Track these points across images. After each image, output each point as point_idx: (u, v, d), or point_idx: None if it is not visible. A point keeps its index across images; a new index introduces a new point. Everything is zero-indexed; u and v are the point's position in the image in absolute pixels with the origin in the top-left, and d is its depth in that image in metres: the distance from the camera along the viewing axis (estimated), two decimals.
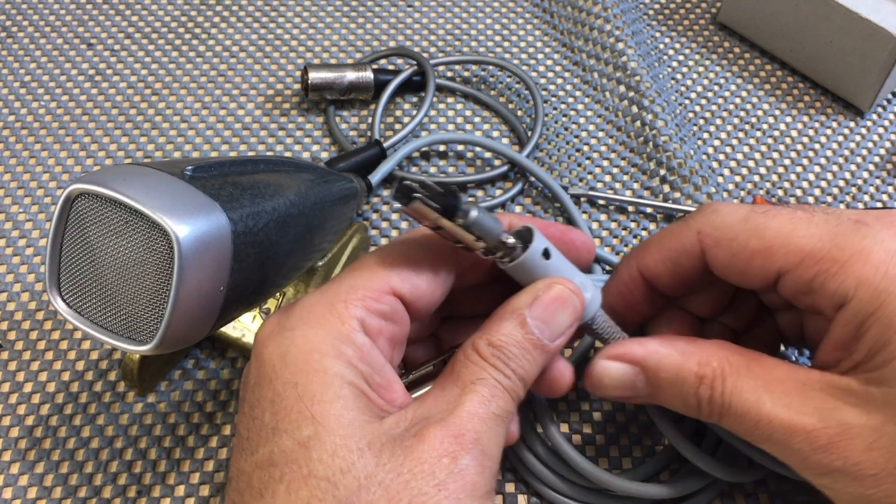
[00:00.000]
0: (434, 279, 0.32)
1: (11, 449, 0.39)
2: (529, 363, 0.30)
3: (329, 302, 0.30)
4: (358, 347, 0.29)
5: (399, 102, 0.54)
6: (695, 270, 0.34)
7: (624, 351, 0.33)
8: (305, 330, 0.29)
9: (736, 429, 0.31)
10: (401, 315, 0.31)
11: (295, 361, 0.28)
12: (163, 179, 0.30)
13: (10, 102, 0.53)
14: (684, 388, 0.31)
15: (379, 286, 0.30)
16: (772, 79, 0.56)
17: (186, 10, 0.59)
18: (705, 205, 0.34)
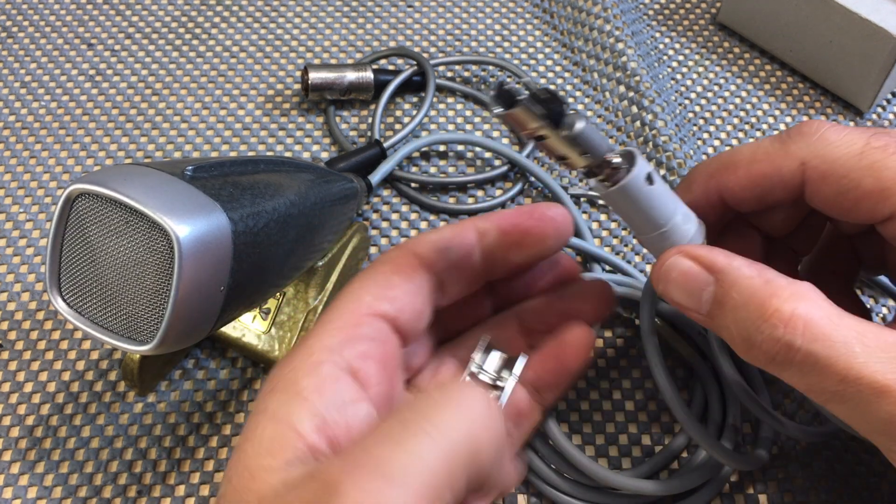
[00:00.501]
0: (408, 288, 0.31)
1: (12, 449, 0.39)
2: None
3: (303, 340, 0.29)
4: (320, 378, 0.27)
5: (399, 102, 0.54)
6: (787, 199, 0.31)
7: (705, 254, 0.29)
8: (274, 372, 0.29)
9: (809, 381, 0.27)
10: (386, 334, 0.30)
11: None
12: (163, 179, 0.30)
13: (11, 102, 0.53)
14: (755, 318, 0.27)
15: (355, 310, 0.29)
16: (772, 79, 0.56)
17: (187, 10, 0.59)
18: (807, 126, 0.30)
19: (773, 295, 0.27)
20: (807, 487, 0.39)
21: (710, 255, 0.29)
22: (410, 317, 0.31)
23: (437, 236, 0.32)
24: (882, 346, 0.26)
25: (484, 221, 0.33)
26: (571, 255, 0.47)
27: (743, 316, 0.28)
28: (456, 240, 0.33)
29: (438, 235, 0.33)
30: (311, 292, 0.41)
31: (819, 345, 0.26)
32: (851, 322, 0.27)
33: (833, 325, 0.26)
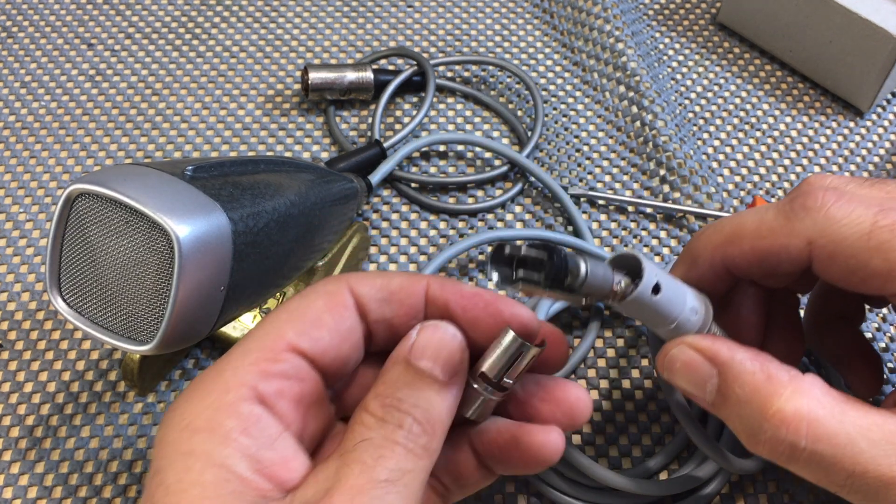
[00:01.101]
0: (338, 330, 0.29)
1: (12, 449, 0.39)
2: (429, 402, 0.27)
3: (218, 370, 0.27)
4: (243, 418, 0.26)
5: (399, 102, 0.54)
6: (794, 272, 0.30)
7: (709, 346, 0.29)
8: (185, 405, 0.26)
9: (816, 476, 0.27)
10: (305, 372, 0.28)
11: (168, 443, 0.26)
12: (163, 179, 0.30)
13: (11, 102, 0.53)
14: (757, 416, 0.27)
15: (274, 344, 0.27)
16: (771, 79, 0.56)
17: (187, 10, 0.59)
18: (812, 199, 0.29)
19: (775, 393, 0.27)
20: (806, 488, 0.39)
21: (714, 348, 0.29)
22: (334, 361, 0.29)
23: (382, 282, 0.30)
24: (887, 438, 0.26)
25: (437, 289, 0.30)
26: None
27: (746, 412, 0.28)
28: (400, 295, 0.30)
29: (385, 282, 0.30)
30: None
31: (823, 444, 0.26)
32: (855, 416, 0.27)
33: (837, 423, 0.26)
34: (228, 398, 0.26)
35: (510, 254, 0.25)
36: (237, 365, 0.27)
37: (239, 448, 0.25)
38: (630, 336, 0.44)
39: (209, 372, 0.27)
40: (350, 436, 0.26)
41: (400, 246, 0.47)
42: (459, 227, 0.48)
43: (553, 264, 0.25)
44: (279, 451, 0.26)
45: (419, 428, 0.26)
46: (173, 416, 0.26)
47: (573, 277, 0.25)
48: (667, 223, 0.48)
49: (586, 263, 0.25)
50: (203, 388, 0.27)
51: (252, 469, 0.25)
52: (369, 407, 0.27)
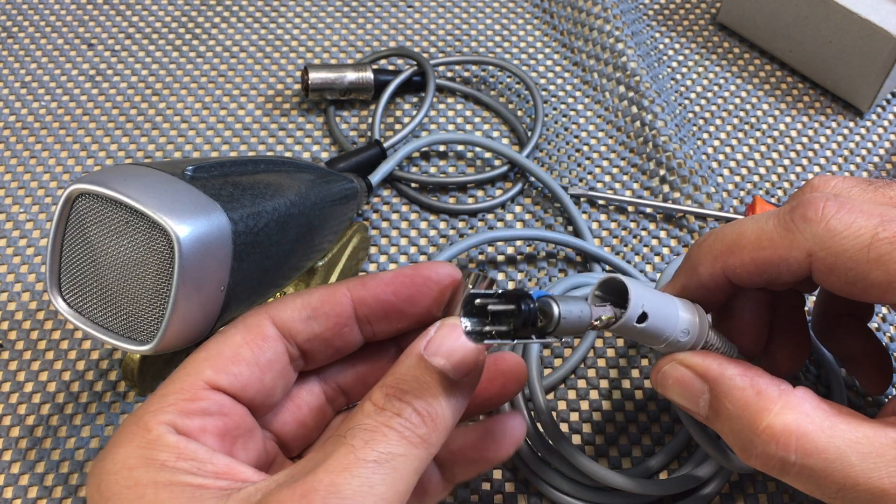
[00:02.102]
0: (257, 363, 0.29)
1: (12, 448, 0.39)
2: (434, 396, 0.27)
3: (137, 417, 0.28)
4: (172, 448, 0.26)
5: (399, 103, 0.54)
6: (794, 281, 0.31)
7: (699, 363, 0.30)
8: (114, 452, 0.27)
9: (808, 489, 0.28)
10: (229, 407, 0.29)
11: (107, 486, 0.26)
12: (163, 179, 0.30)
13: (11, 102, 0.53)
14: (747, 431, 0.28)
15: (192, 385, 0.28)
16: (771, 79, 0.56)
17: (187, 10, 0.59)
18: (812, 210, 0.29)
19: (765, 409, 0.28)
20: None
21: (704, 364, 0.30)
22: (257, 393, 0.30)
23: (302, 302, 0.31)
24: (877, 451, 0.27)
25: (360, 289, 0.31)
26: (571, 255, 0.47)
27: (737, 427, 0.28)
28: (324, 308, 0.31)
29: (305, 301, 0.31)
30: None
31: (813, 459, 0.27)
32: (845, 429, 0.27)
33: (826, 437, 0.27)
34: (151, 436, 0.26)
35: (481, 304, 0.25)
36: (156, 409, 0.27)
37: (180, 470, 0.26)
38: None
39: (128, 420, 0.28)
40: (346, 423, 0.26)
41: (400, 246, 0.47)
42: (459, 227, 0.48)
43: (522, 313, 0.25)
44: (220, 463, 0.27)
45: (418, 418, 0.26)
46: (104, 464, 0.27)
47: (546, 321, 0.26)
48: (667, 223, 0.48)
49: (557, 305, 0.25)
50: (125, 434, 0.27)
51: (202, 477, 0.26)
52: (372, 396, 0.27)
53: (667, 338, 0.30)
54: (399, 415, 0.26)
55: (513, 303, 0.25)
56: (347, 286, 0.31)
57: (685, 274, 0.33)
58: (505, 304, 0.25)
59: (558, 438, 0.37)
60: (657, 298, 0.29)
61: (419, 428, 0.26)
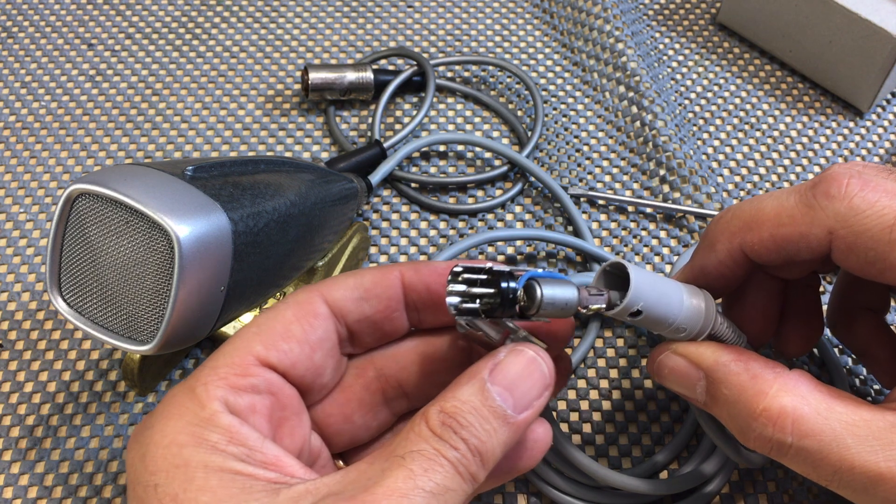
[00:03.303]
0: (307, 340, 0.29)
1: (12, 448, 0.39)
2: (489, 435, 0.26)
3: (189, 388, 0.27)
4: (224, 430, 0.26)
5: (399, 103, 0.54)
6: (813, 260, 0.30)
7: (692, 351, 0.30)
8: (163, 423, 0.26)
9: (805, 471, 0.28)
10: (278, 386, 0.28)
11: (154, 460, 0.25)
12: (163, 179, 0.30)
13: (11, 102, 0.53)
14: (745, 416, 0.28)
15: (242, 360, 0.27)
16: (771, 79, 0.56)
17: (187, 10, 0.59)
18: (836, 186, 0.28)
19: (760, 392, 0.28)
20: (805, 488, 0.39)
21: (697, 353, 0.30)
22: (306, 371, 0.29)
23: (355, 282, 0.30)
24: (874, 434, 0.27)
25: (412, 274, 0.31)
26: (571, 255, 0.47)
27: (735, 412, 0.29)
28: (376, 290, 0.30)
29: (357, 281, 0.30)
30: None
31: (809, 441, 0.27)
32: (841, 412, 0.27)
33: (822, 420, 0.27)
34: (205, 413, 0.26)
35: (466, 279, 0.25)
36: (207, 381, 0.27)
37: (231, 455, 0.25)
38: (630, 336, 0.44)
39: (179, 389, 0.27)
40: (403, 441, 0.25)
41: (400, 246, 0.47)
42: (459, 227, 0.48)
43: (502, 291, 0.25)
44: (269, 453, 0.26)
45: (472, 457, 0.25)
46: (151, 433, 0.26)
47: (529, 303, 0.25)
48: (667, 223, 0.48)
49: (541, 289, 0.25)
50: (177, 406, 0.26)
51: (252, 466, 0.25)
52: (430, 419, 0.26)
53: (669, 325, 0.30)
54: (456, 448, 0.25)
55: (495, 282, 0.25)
56: (400, 269, 0.31)
57: (702, 252, 0.32)
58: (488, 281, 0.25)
59: (558, 438, 0.37)
60: (662, 286, 0.29)
61: (472, 466, 0.25)
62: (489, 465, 0.26)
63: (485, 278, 0.26)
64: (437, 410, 0.26)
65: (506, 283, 0.25)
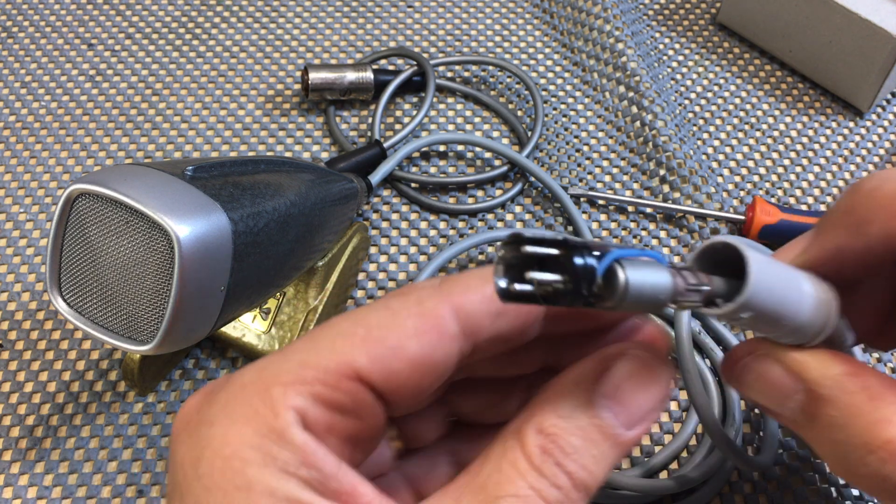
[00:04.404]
0: (422, 364, 0.22)
1: (12, 448, 0.39)
2: (596, 463, 0.21)
3: (264, 385, 0.21)
4: (297, 448, 0.21)
5: (399, 103, 0.54)
6: None
7: (796, 360, 0.24)
8: (226, 426, 0.21)
9: None
10: (367, 409, 0.22)
11: (210, 473, 0.21)
12: (163, 179, 0.30)
13: (11, 102, 0.53)
14: (857, 446, 0.23)
15: (338, 367, 0.22)
16: (771, 79, 0.56)
17: (187, 10, 0.59)
18: None
19: (883, 420, 0.22)
20: (806, 487, 0.39)
21: (800, 361, 0.24)
22: (406, 398, 0.23)
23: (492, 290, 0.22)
24: None
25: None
26: None
27: (841, 439, 0.23)
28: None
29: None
30: (311, 292, 0.41)
31: None
32: None
33: None
34: (278, 423, 0.21)
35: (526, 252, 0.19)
36: (287, 381, 0.21)
37: (301, 481, 0.21)
38: None
39: (251, 381, 0.22)
40: (496, 474, 0.21)
41: (400, 246, 0.47)
42: (459, 227, 0.48)
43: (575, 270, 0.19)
44: (345, 481, 0.21)
45: (576, 495, 0.21)
46: (210, 435, 0.21)
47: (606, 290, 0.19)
48: (667, 223, 0.48)
49: (624, 273, 0.19)
50: (245, 406, 0.21)
51: (324, 499, 0.21)
52: (527, 444, 0.21)
53: (783, 328, 0.23)
54: (558, 488, 0.21)
55: (565, 258, 0.19)
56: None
57: (841, 233, 0.25)
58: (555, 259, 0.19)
59: None
60: (785, 276, 0.22)
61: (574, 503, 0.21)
62: (593, 492, 0.22)
63: (554, 253, 0.19)
64: (534, 431, 0.21)
65: (581, 260, 0.19)
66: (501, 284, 0.19)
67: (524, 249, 0.19)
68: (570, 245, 0.19)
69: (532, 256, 0.19)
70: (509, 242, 0.19)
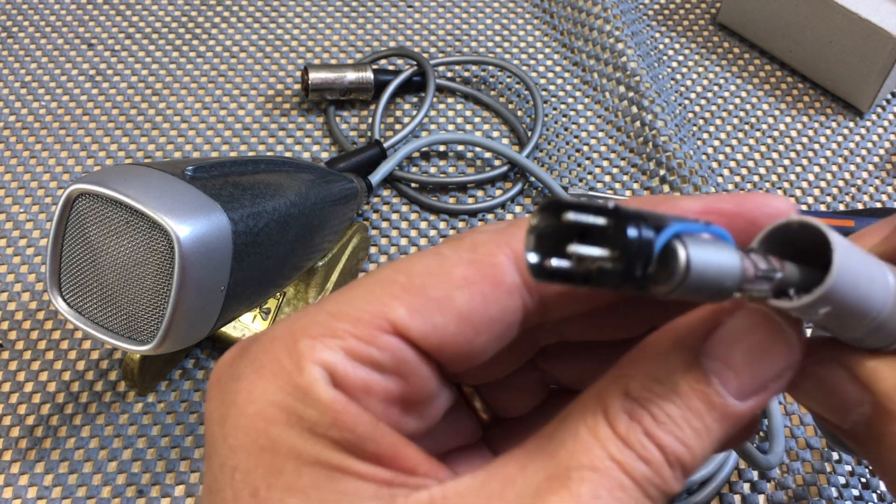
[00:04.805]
0: (472, 319, 0.19)
1: (12, 448, 0.39)
2: (697, 436, 0.18)
3: (291, 337, 0.19)
4: (325, 407, 0.18)
5: (399, 103, 0.54)
6: None
7: (867, 367, 0.20)
8: (253, 381, 0.19)
9: None
10: (410, 368, 0.19)
11: (235, 431, 0.19)
12: (163, 179, 0.30)
13: (11, 102, 0.53)
14: None
15: (371, 319, 0.19)
16: (771, 79, 0.56)
17: (187, 10, 0.59)
18: None
19: None
20: (806, 487, 0.39)
21: (871, 369, 0.20)
22: (457, 356, 0.20)
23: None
24: None
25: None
26: None
27: None
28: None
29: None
30: (311, 292, 0.41)
31: None
32: None
33: None
34: (303, 380, 0.18)
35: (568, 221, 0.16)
36: (316, 333, 0.19)
37: (332, 441, 0.18)
38: None
39: (281, 335, 0.19)
40: (571, 441, 0.18)
41: (400, 246, 0.47)
42: (459, 227, 0.48)
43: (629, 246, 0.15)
44: (384, 442, 0.19)
45: (670, 473, 0.18)
46: (237, 390, 0.19)
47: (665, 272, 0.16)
48: None
49: (686, 251, 0.15)
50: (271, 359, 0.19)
51: (359, 461, 0.18)
52: (610, 409, 0.18)
53: (862, 327, 0.19)
54: (647, 462, 0.17)
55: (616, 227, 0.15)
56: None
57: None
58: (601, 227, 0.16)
59: None
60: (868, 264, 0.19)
61: (669, 484, 0.18)
62: (690, 473, 0.18)
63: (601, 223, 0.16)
64: (620, 394, 0.18)
65: (636, 232, 0.15)
66: (532, 259, 0.16)
67: (565, 217, 0.16)
68: (623, 214, 0.15)
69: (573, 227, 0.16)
70: (545, 208, 0.16)
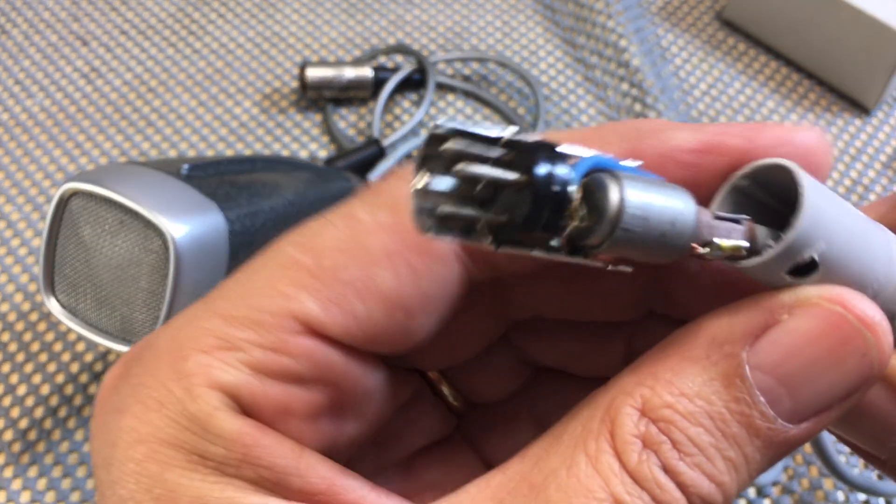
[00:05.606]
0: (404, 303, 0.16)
1: (5, 452, 0.39)
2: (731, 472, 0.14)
3: (179, 352, 0.16)
4: (231, 442, 0.15)
5: (398, 100, 0.53)
6: None
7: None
8: (138, 413, 0.15)
9: None
10: (335, 371, 0.16)
11: (122, 478, 0.15)
12: (159, 178, 0.30)
13: (5, 100, 0.52)
14: None
15: (277, 320, 0.15)
16: (776, 76, 0.56)
17: (182, 6, 0.58)
18: None
19: None
20: (811, 491, 0.39)
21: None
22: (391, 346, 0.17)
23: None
24: None
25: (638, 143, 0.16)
26: None
27: None
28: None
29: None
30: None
31: None
32: None
33: None
34: (198, 410, 0.15)
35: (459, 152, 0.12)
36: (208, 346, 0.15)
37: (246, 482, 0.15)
38: None
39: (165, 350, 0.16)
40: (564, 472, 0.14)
41: None
42: None
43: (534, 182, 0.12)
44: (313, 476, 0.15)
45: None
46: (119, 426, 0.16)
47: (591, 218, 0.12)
48: None
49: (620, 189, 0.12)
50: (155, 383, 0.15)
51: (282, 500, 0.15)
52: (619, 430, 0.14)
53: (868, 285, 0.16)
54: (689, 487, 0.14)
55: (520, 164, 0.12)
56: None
57: None
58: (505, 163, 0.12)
59: None
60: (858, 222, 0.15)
61: None
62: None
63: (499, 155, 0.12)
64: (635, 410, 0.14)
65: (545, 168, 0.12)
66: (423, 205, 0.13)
67: (446, 147, 0.12)
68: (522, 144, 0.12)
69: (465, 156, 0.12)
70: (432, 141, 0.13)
